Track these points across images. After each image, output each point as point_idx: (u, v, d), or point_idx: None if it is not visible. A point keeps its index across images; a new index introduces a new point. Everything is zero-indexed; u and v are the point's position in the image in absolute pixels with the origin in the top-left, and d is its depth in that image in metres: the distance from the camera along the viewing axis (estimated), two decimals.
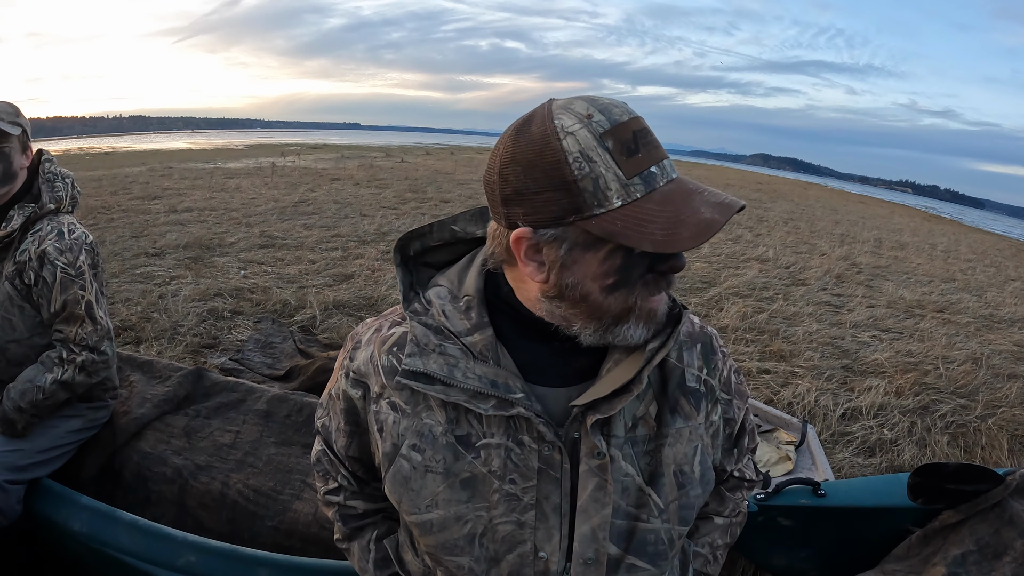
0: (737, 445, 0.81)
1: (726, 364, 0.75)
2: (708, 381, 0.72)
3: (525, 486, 0.65)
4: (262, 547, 1.33)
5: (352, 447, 0.76)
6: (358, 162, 17.14)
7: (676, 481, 0.69)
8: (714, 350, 0.74)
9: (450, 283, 0.69)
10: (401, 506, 0.70)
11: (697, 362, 0.72)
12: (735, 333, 4.23)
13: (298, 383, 2.63)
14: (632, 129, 0.55)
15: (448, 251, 0.73)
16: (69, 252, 1.39)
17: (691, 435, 0.70)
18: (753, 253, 7.12)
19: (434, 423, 0.66)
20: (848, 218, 13.90)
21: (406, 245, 0.71)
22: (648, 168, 0.55)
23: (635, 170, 0.55)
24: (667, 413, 0.68)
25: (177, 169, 13.44)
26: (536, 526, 0.66)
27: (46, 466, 1.48)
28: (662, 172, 0.56)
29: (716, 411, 0.73)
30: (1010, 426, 3.14)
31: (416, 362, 0.64)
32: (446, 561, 0.69)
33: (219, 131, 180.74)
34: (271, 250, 5.71)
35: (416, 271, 0.72)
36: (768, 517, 1.36)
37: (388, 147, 29.31)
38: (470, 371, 0.63)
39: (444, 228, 0.72)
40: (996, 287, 7.10)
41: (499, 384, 0.63)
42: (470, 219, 0.72)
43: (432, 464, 0.66)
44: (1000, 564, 1.10)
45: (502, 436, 0.65)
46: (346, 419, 0.74)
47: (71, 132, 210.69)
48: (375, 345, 0.71)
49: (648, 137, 0.56)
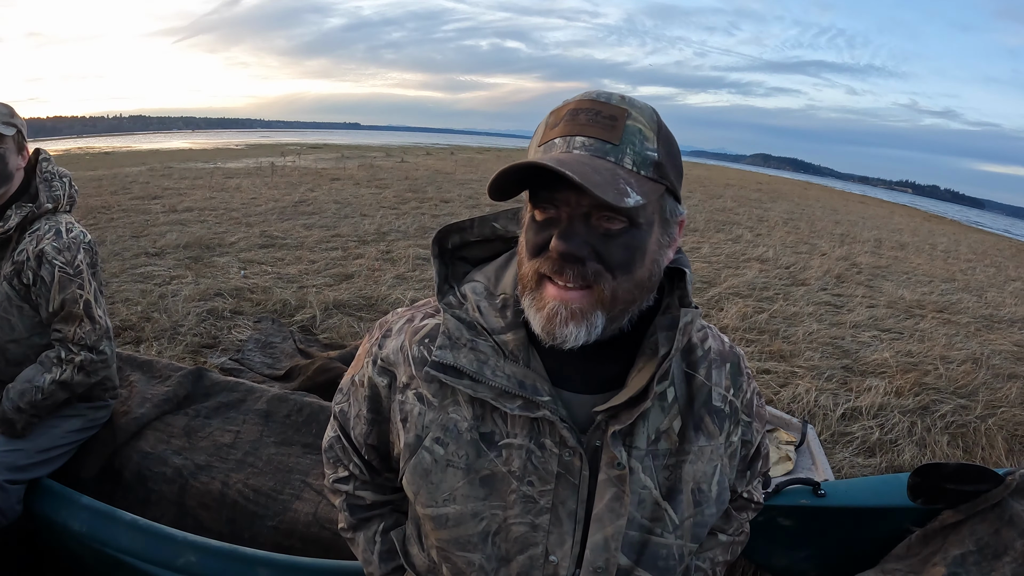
0: (751, 468, 0.80)
1: (750, 386, 0.75)
2: (733, 402, 0.72)
3: (542, 489, 0.65)
4: (262, 547, 1.33)
5: (371, 435, 0.75)
6: (358, 162, 17.14)
7: (693, 499, 0.68)
8: (741, 371, 0.74)
9: (487, 280, 0.69)
10: (418, 498, 0.69)
11: (725, 381, 0.72)
12: (735, 333, 4.23)
13: (298, 383, 2.62)
14: (569, 108, 0.59)
15: (486, 247, 0.73)
16: (67, 251, 1.39)
17: (712, 454, 0.69)
18: (753, 253, 7.13)
19: (460, 418, 0.66)
20: (848, 218, 13.90)
21: (444, 238, 0.71)
22: (553, 139, 0.58)
23: (547, 139, 0.59)
24: (691, 430, 0.68)
25: (177, 169, 13.44)
26: (550, 530, 0.66)
27: (46, 466, 1.47)
28: (567, 144, 0.58)
29: (737, 432, 0.73)
30: (1010, 426, 3.15)
31: (447, 355, 0.64)
32: (456, 557, 0.69)
33: (219, 131, 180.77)
34: (271, 250, 5.71)
35: (452, 265, 0.72)
36: (768, 517, 1.35)
37: (388, 147, 29.32)
38: (500, 369, 0.63)
39: (485, 224, 0.72)
40: (996, 287, 7.10)
41: (527, 385, 0.63)
42: (511, 217, 0.72)
43: (454, 459, 0.67)
44: (1000, 564, 1.10)
45: (525, 437, 0.65)
46: (368, 406, 0.74)
47: (71, 132, 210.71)
48: (407, 335, 0.71)
49: (581, 116, 0.58)
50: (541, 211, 0.59)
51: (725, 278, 5.73)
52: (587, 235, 0.57)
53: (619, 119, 0.58)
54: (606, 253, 0.57)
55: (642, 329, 0.66)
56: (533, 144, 0.61)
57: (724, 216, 10.53)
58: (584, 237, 0.57)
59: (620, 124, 0.57)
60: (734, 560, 0.90)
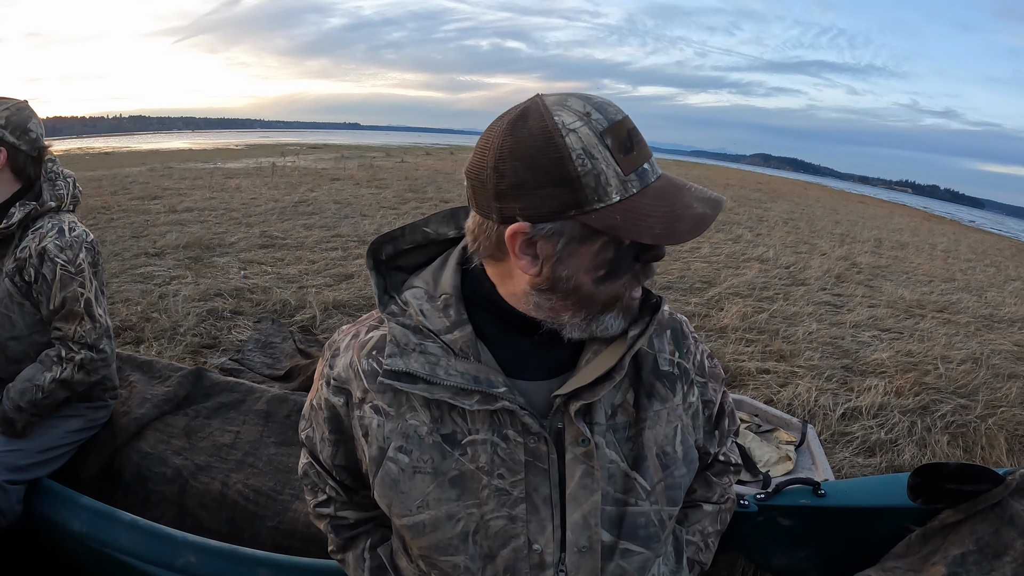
0: (718, 427, 0.82)
1: (698, 348, 0.77)
2: (681, 364, 0.74)
3: (514, 480, 0.65)
4: (262, 547, 1.33)
5: (338, 456, 0.76)
6: (358, 162, 17.13)
7: (660, 462, 0.70)
8: (684, 335, 0.76)
9: (426, 283, 0.69)
10: (392, 510, 0.69)
11: (668, 347, 0.74)
12: (735, 333, 4.23)
13: (298, 383, 2.63)
14: (627, 128, 0.58)
15: (420, 253, 0.74)
16: (69, 249, 1.40)
17: (669, 416, 0.71)
18: (753, 253, 7.12)
19: (419, 423, 0.67)
20: (848, 218, 13.90)
21: (378, 249, 0.72)
22: (641, 165, 0.58)
23: (631, 167, 0.57)
24: (643, 398, 0.70)
25: (177, 169, 13.44)
26: (528, 519, 0.66)
27: (46, 466, 1.48)
28: (652, 169, 0.59)
29: (693, 393, 0.75)
30: (1010, 426, 3.14)
31: (397, 362, 0.64)
32: (440, 562, 0.68)
33: (219, 131, 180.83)
34: (271, 250, 5.71)
35: (388, 275, 0.73)
36: (768, 517, 1.36)
37: (388, 147, 29.32)
38: (452, 368, 0.64)
39: (416, 231, 0.73)
40: (996, 287, 7.10)
41: (482, 379, 0.63)
42: (441, 220, 0.73)
43: (420, 464, 0.67)
44: (1000, 564, 1.10)
45: (487, 432, 0.65)
46: (330, 428, 0.74)
47: (71, 132, 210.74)
48: (354, 350, 0.71)
49: (638, 136, 0.59)
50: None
51: (725, 278, 5.73)
52: None
53: None
54: None
55: None
56: (610, 169, 0.56)
57: (724, 216, 10.53)
58: None
59: None
60: (724, 528, 0.90)
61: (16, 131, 1.38)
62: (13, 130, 1.37)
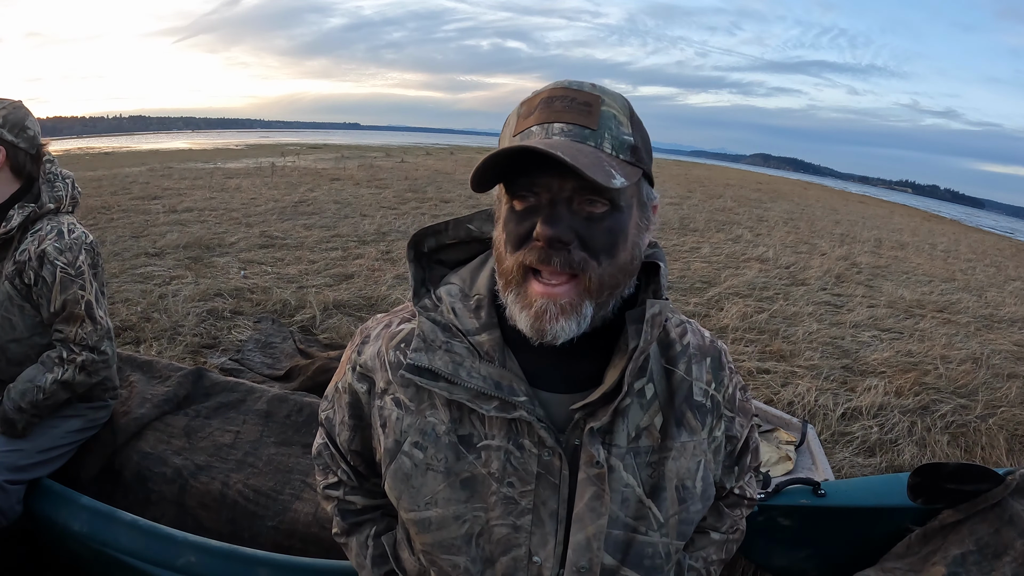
0: (739, 463, 0.80)
1: (732, 380, 0.74)
2: (714, 396, 0.72)
3: (523, 490, 0.65)
4: (262, 547, 1.33)
5: (355, 441, 0.76)
6: (358, 162, 17.13)
7: (678, 496, 0.68)
8: (722, 365, 0.73)
9: (462, 281, 0.69)
10: (400, 503, 0.69)
11: (706, 376, 0.71)
12: (735, 333, 4.23)
13: (298, 383, 2.62)
14: (541, 98, 0.59)
15: (462, 249, 0.73)
16: (69, 252, 1.40)
17: (695, 450, 0.69)
18: (753, 253, 7.12)
19: (437, 422, 0.66)
20: (848, 218, 13.90)
21: (420, 241, 0.71)
22: (529, 127, 0.58)
23: (522, 128, 0.59)
24: (672, 426, 0.68)
25: (177, 169, 13.43)
26: (532, 531, 0.65)
27: (46, 466, 1.48)
28: (545, 131, 0.58)
29: (720, 427, 0.73)
30: (1010, 426, 3.15)
31: (422, 357, 0.64)
32: (441, 560, 0.68)
33: (219, 131, 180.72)
34: (271, 250, 5.71)
35: (429, 268, 0.72)
36: (768, 517, 1.36)
37: (388, 147, 29.31)
38: (475, 371, 0.63)
39: (460, 226, 0.72)
40: (996, 287, 7.10)
41: (503, 386, 0.63)
42: (486, 219, 0.72)
43: (433, 462, 0.66)
44: (1000, 564, 1.10)
45: (503, 439, 0.65)
46: (350, 413, 0.74)
47: (71, 132, 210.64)
48: (384, 340, 0.71)
49: (552, 104, 0.58)
50: (521, 200, 0.59)
51: (725, 278, 5.73)
52: (570, 220, 0.57)
53: (594, 105, 0.58)
54: (589, 238, 0.57)
55: (618, 326, 0.66)
56: (506, 135, 0.61)
57: (724, 216, 10.53)
58: (568, 221, 0.57)
59: (596, 110, 0.58)
60: (729, 558, 0.89)
61: (14, 129, 1.38)
62: (11, 128, 1.37)
